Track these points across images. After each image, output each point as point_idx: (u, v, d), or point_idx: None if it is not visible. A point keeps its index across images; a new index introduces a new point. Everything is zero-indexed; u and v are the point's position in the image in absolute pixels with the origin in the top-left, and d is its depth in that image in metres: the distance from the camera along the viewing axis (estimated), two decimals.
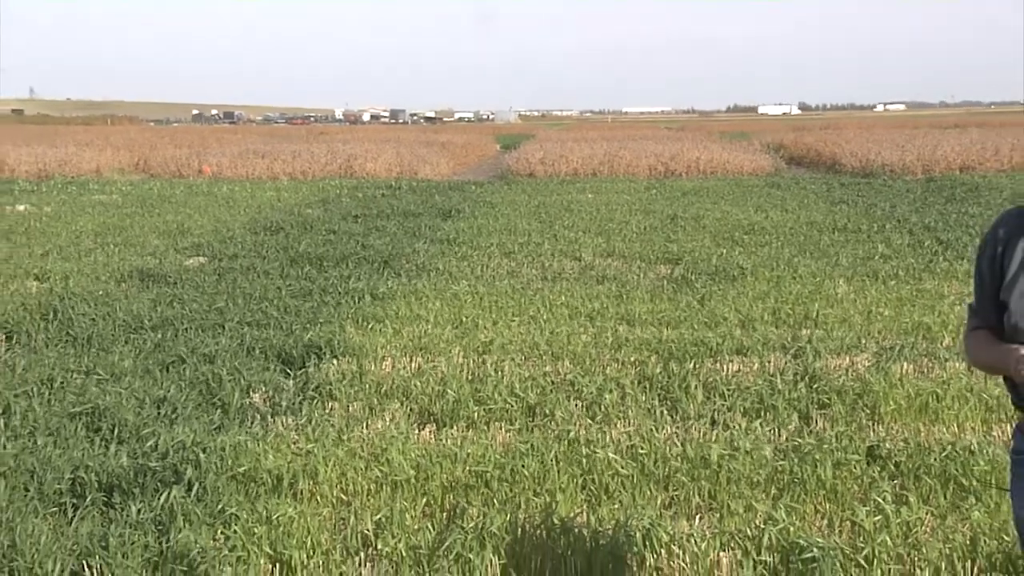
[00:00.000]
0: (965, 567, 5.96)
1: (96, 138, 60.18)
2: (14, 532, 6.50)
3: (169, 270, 16.80)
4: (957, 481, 7.21)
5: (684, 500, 7.16)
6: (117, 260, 18.08)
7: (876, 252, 17.96)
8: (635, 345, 11.38)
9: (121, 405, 9.04)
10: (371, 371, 10.40)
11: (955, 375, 9.83)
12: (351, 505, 7.13)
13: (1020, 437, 4.00)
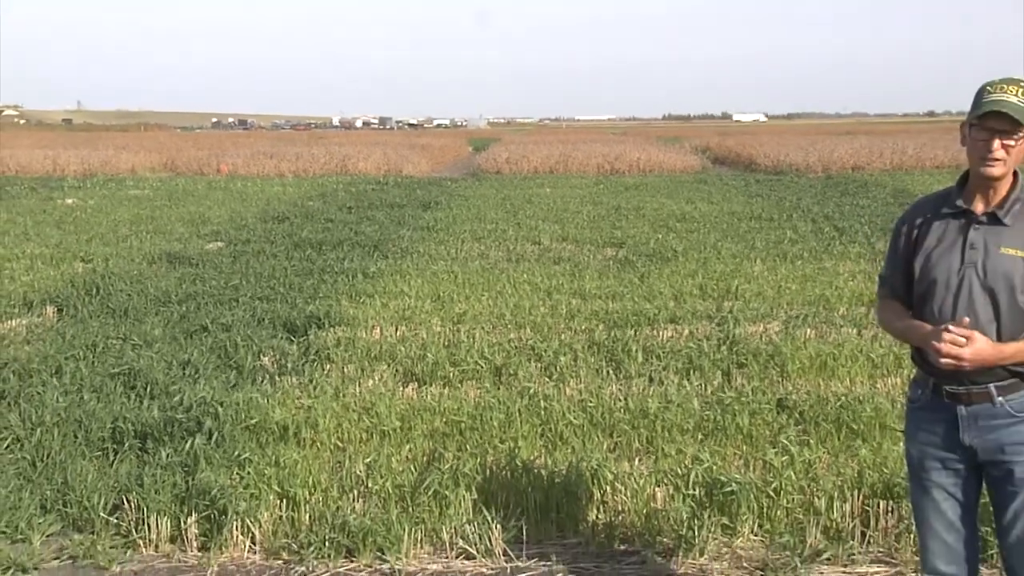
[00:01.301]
0: (853, 495, 6.02)
1: (131, 143, 59.84)
2: (66, 471, 6.58)
3: (192, 253, 16.73)
4: (848, 426, 7.26)
5: (626, 445, 7.17)
6: (149, 245, 17.96)
7: (785, 237, 18.01)
8: (585, 316, 11.39)
9: (152, 367, 9.02)
10: (362, 338, 10.38)
11: (848, 339, 9.91)
12: (346, 451, 7.12)
13: (914, 388, 4.06)
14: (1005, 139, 3.65)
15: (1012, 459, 3.79)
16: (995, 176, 3.70)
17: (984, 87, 3.70)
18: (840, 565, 5.65)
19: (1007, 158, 3.67)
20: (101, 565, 5.73)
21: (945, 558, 4.01)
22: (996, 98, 3.63)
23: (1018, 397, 3.77)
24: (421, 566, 5.71)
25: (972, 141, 3.73)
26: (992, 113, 3.62)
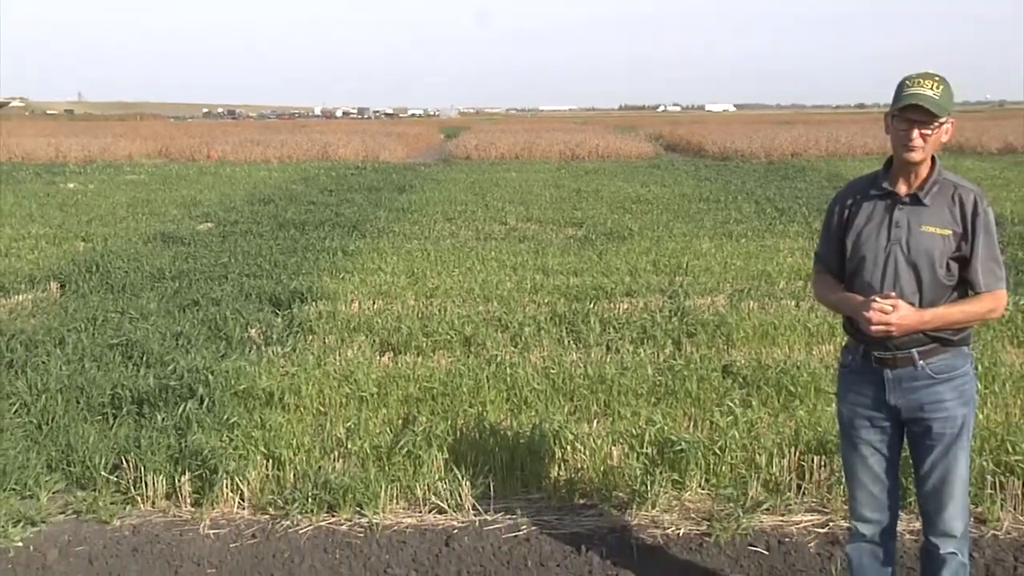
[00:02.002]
0: (790, 451, 6.08)
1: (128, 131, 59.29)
2: (70, 434, 6.59)
3: (185, 233, 16.59)
4: (787, 389, 7.31)
5: (585, 408, 7.19)
6: (144, 226, 17.83)
7: (731, 217, 18.08)
8: (548, 290, 11.40)
9: (148, 338, 8.98)
10: (342, 311, 10.36)
11: (787, 310, 9.98)
12: (327, 415, 7.11)
13: (846, 354, 4.13)
14: (923, 128, 3.74)
15: (930, 416, 3.89)
16: (915, 161, 3.79)
17: (904, 81, 3.78)
18: (778, 515, 5.70)
19: (925, 145, 3.76)
20: (103, 519, 5.72)
21: (871, 506, 4.11)
22: (914, 92, 3.72)
23: (936, 361, 3.87)
24: (397, 520, 5.71)
25: (894, 130, 3.81)
26: (911, 106, 3.71)
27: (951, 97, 3.76)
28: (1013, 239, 14.77)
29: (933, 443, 3.92)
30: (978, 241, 3.79)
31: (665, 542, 5.44)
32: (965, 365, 3.94)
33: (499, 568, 5.16)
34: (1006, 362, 8.09)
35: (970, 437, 3.99)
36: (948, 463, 3.93)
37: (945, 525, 4.00)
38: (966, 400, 3.92)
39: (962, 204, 3.80)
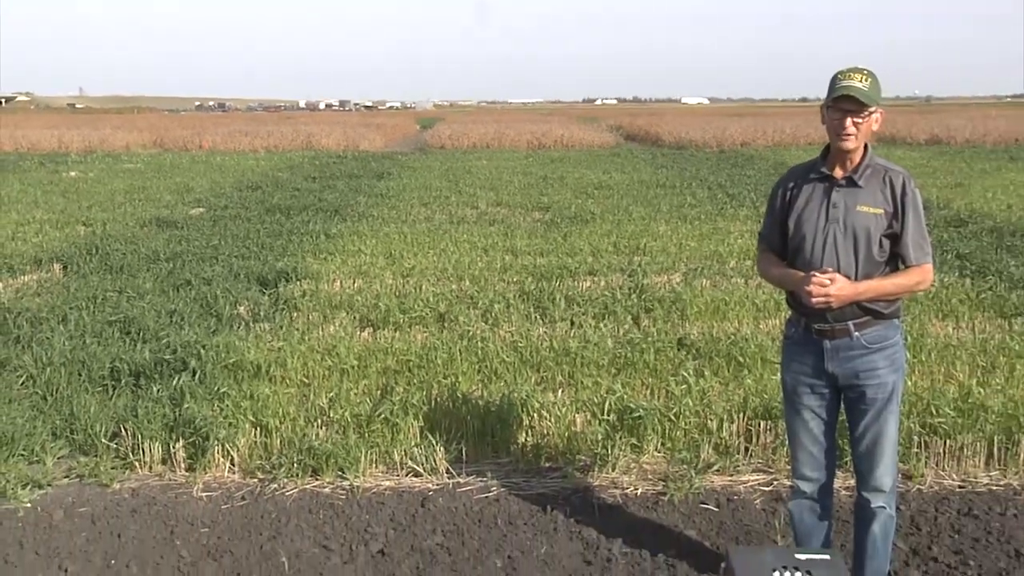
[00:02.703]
0: (739, 417, 6.13)
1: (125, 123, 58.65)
2: (72, 404, 6.59)
3: (178, 218, 16.48)
4: (736, 360, 7.34)
5: (551, 378, 7.20)
6: (140, 211, 17.67)
7: (685, 202, 18.12)
8: (516, 269, 11.41)
9: (144, 315, 8.94)
10: (325, 290, 10.32)
11: (737, 287, 10.03)
12: (311, 386, 7.10)
13: (789, 326, 4.18)
14: (855, 117, 3.79)
15: (865, 383, 3.95)
16: (849, 148, 3.85)
17: (836, 75, 3.84)
18: (727, 475, 5.75)
19: (857, 133, 3.82)
20: (104, 483, 5.72)
21: (810, 465, 4.16)
22: (846, 84, 3.77)
23: (870, 332, 3.92)
24: (376, 483, 5.72)
25: (829, 120, 3.87)
26: (843, 97, 3.77)
27: (879, 89, 3.83)
28: (939, 222, 14.88)
29: (867, 407, 3.99)
30: (907, 219, 3.85)
31: (624, 501, 5.47)
32: (896, 336, 3.99)
33: (471, 527, 5.18)
34: (932, 334, 8.19)
35: (899, 402, 4.05)
36: (880, 426, 3.99)
37: (876, 481, 4.07)
38: (896, 368, 3.98)
39: (892, 185, 3.86)
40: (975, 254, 11.84)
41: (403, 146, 43.89)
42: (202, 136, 43.77)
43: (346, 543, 5.00)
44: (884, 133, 41.01)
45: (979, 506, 5.38)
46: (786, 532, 4.87)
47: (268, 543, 5.01)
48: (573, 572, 4.68)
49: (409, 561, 4.80)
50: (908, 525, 5.15)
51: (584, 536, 5.05)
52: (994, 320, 8.91)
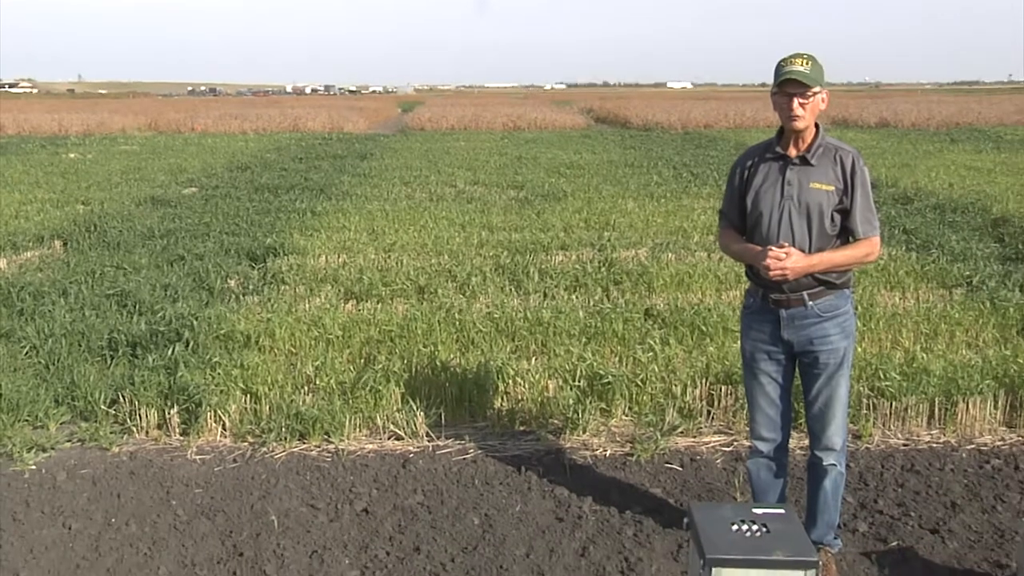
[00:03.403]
0: (702, 382, 6.16)
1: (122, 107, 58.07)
2: (73, 373, 6.59)
3: (172, 197, 16.34)
4: (699, 328, 7.35)
5: (525, 347, 7.20)
6: (136, 190, 17.50)
7: (652, 181, 18.13)
8: (492, 244, 11.39)
9: (140, 289, 8.89)
10: (311, 264, 10.28)
11: (700, 261, 10.04)
12: (298, 355, 7.07)
13: (748, 297, 4.20)
14: (800, 98, 3.81)
15: (818, 349, 3.98)
16: (800, 128, 3.87)
17: (780, 62, 3.86)
18: (691, 436, 5.79)
19: (805, 113, 3.83)
20: (103, 447, 5.71)
21: (767, 427, 4.19)
22: (789, 69, 3.79)
23: (823, 301, 3.95)
24: (360, 446, 5.72)
25: (778, 104, 3.89)
26: (788, 80, 3.78)
27: (821, 71, 3.84)
28: (887, 199, 14.97)
29: (820, 372, 4.01)
30: (856, 195, 3.87)
31: (594, 462, 5.49)
32: (847, 305, 4.02)
33: (450, 486, 5.19)
34: (880, 303, 8.25)
35: (850, 366, 4.08)
36: (831, 389, 4.02)
37: (827, 441, 4.10)
38: (847, 334, 4.01)
39: (842, 163, 3.87)
40: (920, 229, 11.92)
41: (385, 128, 43.68)
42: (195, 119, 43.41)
43: (332, 502, 5.00)
44: (837, 116, 41.17)
45: (920, 462, 5.45)
46: (745, 489, 4.90)
47: (258, 503, 5.01)
48: (546, 528, 4.70)
49: (391, 519, 4.81)
50: (857, 481, 5.20)
51: (556, 495, 5.07)
52: (936, 290, 8.98)
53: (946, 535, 4.60)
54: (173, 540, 4.61)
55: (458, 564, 4.35)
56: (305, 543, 4.57)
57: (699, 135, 34.12)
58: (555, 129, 39.47)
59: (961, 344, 7.22)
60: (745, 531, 2.76)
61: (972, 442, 5.73)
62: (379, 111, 59.55)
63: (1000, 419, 5.96)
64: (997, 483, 5.21)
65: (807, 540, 2.80)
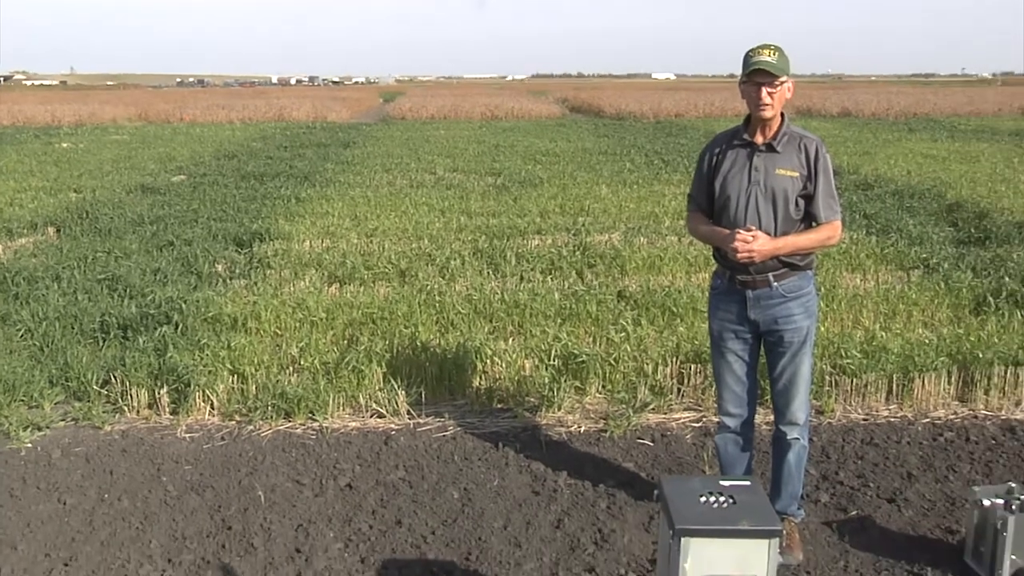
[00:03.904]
0: (673, 360, 6.17)
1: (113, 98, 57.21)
2: (67, 354, 6.56)
3: (161, 184, 16.19)
4: (670, 309, 7.38)
5: (502, 328, 7.20)
6: (127, 178, 17.32)
7: (625, 168, 18.13)
8: (471, 229, 11.36)
9: (131, 273, 8.84)
10: (295, 249, 10.23)
11: (671, 245, 10.08)
12: (283, 336, 7.04)
13: (715, 278, 4.20)
14: (768, 88, 3.81)
15: (783, 328, 3.99)
16: (767, 116, 3.87)
17: (748, 53, 3.86)
18: (662, 413, 5.81)
19: (773, 102, 3.84)
20: (96, 425, 5.69)
21: (734, 403, 4.21)
22: (757, 59, 3.79)
23: (787, 282, 3.97)
24: (343, 424, 5.71)
25: (746, 93, 3.89)
26: (757, 71, 3.78)
27: (787, 61, 3.84)
28: (849, 186, 15.05)
29: (784, 350, 4.03)
30: (819, 180, 3.88)
31: (569, 438, 5.51)
32: (809, 286, 4.03)
33: (430, 462, 5.19)
34: (842, 285, 8.31)
35: (813, 345, 4.10)
36: (795, 366, 4.04)
37: (791, 416, 4.13)
38: (810, 314, 4.03)
39: (807, 151, 3.88)
40: (880, 214, 11.98)
41: (367, 117, 43.42)
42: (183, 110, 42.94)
43: (317, 478, 4.99)
44: (801, 106, 41.27)
45: (879, 436, 5.50)
46: (713, 463, 4.93)
47: (246, 479, 4.99)
48: (523, 502, 4.71)
49: (374, 494, 4.80)
50: (819, 454, 5.24)
51: (533, 469, 5.08)
52: (895, 272, 9.05)
53: (902, 504, 4.65)
54: (164, 515, 4.60)
55: (438, 536, 4.36)
56: (291, 517, 4.56)
57: (670, 124, 34.12)
58: (531, 118, 39.35)
59: (918, 323, 7.28)
60: (712, 502, 2.77)
61: (927, 416, 5.79)
62: (361, 101, 59.17)
63: (953, 394, 6.03)
64: (949, 454, 5.27)
65: (771, 511, 2.81)
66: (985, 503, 3.93)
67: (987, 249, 9.88)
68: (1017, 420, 5.73)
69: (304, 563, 4.13)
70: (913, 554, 4.17)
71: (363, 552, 4.22)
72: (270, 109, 42.36)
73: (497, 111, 41.13)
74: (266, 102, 46.93)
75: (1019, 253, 9.46)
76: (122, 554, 4.23)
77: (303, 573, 4.05)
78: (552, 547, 4.25)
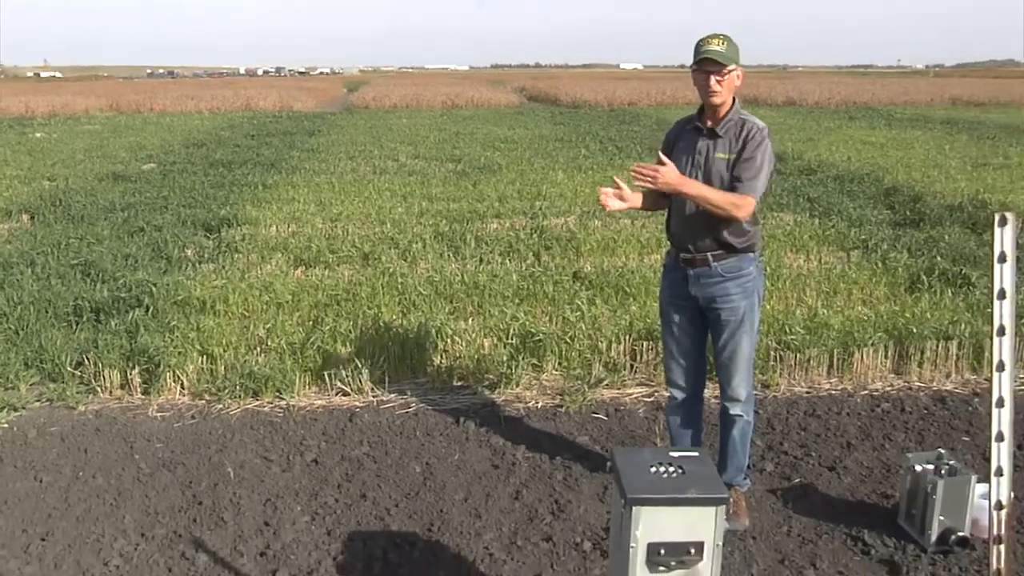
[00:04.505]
0: (626, 338, 6.20)
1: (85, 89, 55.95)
2: (41, 337, 6.45)
3: (132, 172, 15.90)
4: (623, 289, 7.41)
5: (462, 308, 7.19)
6: (99, 167, 16.98)
7: (580, 154, 18.13)
8: (432, 214, 11.31)
9: (103, 259, 8.70)
10: (262, 234, 10.13)
11: (625, 227, 10.09)
12: (250, 318, 6.96)
13: (666, 257, 4.22)
14: (716, 76, 3.81)
15: (720, 306, 4.01)
16: (716, 103, 3.87)
17: (698, 42, 3.84)
18: (615, 388, 5.84)
19: (721, 90, 3.83)
20: (70, 406, 5.62)
21: (680, 376, 4.25)
22: (705, 48, 3.79)
23: (725, 263, 3.97)
24: (309, 402, 5.67)
25: (696, 81, 3.89)
26: (705, 59, 3.77)
27: (736, 50, 3.83)
28: (793, 171, 15.18)
29: (723, 327, 4.03)
30: (743, 156, 3.82)
31: (526, 413, 5.52)
32: (750, 268, 4.00)
33: (393, 438, 5.17)
34: (787, 265, 8.39)
35: (753, 324, 4.05)
36: (734, 344, 4.04)
37: (732, 392, 4.13)
38: (748, 295, 4.00)
39: (745, 133, 3.85)
40: (822, 198, 12.11)
41: (332, 107, 42.99)
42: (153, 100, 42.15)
43: (284, 454, 4.96)
44: (748, 95, 41.51)
45: (821, 408, 5.57)
46: (664, 435, 4.95)
47: (216, 455, 4.95)
48: (482, 475, 4.71)
49: (339, 468, 4.78)
50: (765, 426, 5.30)
51: (492, 444, 5.08)
52: (836, 253, 9.15)
53: (842, 471, 4.72)
54: (137, 491, 4.55)
55: (401, 509, 4.35)
56: (259, 492, 4.53)
57: (623, 112, 34.18)
58: (490, 107, 39.22)
59: (857, 301, 7.37)
60: (663, 473, 2.78)
61: (865, 388, 5.87)
62: (326, 91, 58.57)
63: (889, 367, 6.12)
64: (886, 424, 5.35)
65: (718, 479, 2.83)
66: (917, 469, 4.00)
67: (921, 230, 10.02)
68: (947, 391, 5.84)
69: (272, 535, 4.11)
70: (852, 518, 4.24)
71: (329, 525, 4.21)
72: (238, 99, 41.75)
73: (458, 100, 40.91)
74: (234, 92, 46.24)
75: (950, 234, 9.61)
76: (97, 529, 4.18)
77: (271, 545, 4.03)
78: (511, 517, 4.26)
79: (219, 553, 3.97)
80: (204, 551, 3.98)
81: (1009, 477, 2.54)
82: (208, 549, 4.00)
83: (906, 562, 3.85)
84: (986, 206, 11.24)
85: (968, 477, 3.92)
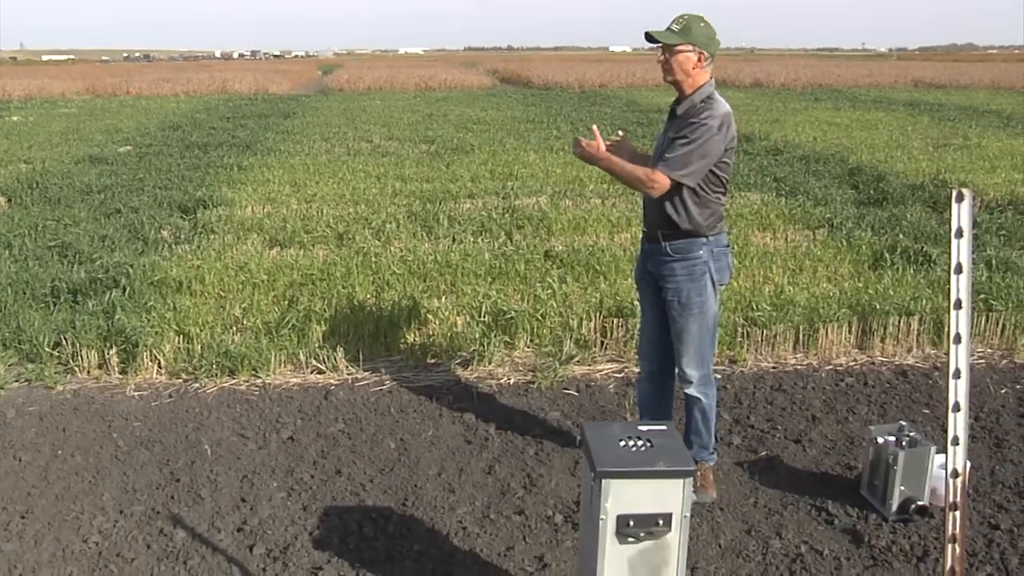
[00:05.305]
0: (596, 315, 6.21)
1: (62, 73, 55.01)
2: (19, 319, 6.37)
3: (108, 155, 15.65)
4: (594, 268, 7.42)
5: (435, 287, 7.17)
6: (75, 150, 16.67)
7: (551, 135, 18.08)
8: (406, 194, 11.25)
9: (80, 240, 8.59)
10: (238, 215, 10.01)
11: (595, 207, 10.10)
12: (226, 298, 6.90)
13: (643, 239, 4.15)
14: (660, 55, 3.81)
15: (666, 285, 3.98)
16: (666, 81, 3.86)
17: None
18: (586, 365, 5.85)
19: (671, 69, 3.81)
20: (49, 386, 5.56)
21: (648, 347, 4.26)
22: (655, 29, 3.78)
23: (675, 243, 3.91)
24: (285, 380, 5.64)
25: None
26: (647, 37, 3.79)
27: (690, 32, 3.74)
28: (760, 151, 15.23)
29: (668, 307, 3.99)
30: (677, 135, 3.78)
31: (499, 389, 5.52)
32: (700, 251, 3.89)
33: (368, 415, 5.16)
34: (754, 243, 8.43)
35: (703, 309, 3.92)
36: (681, 324, 3.97)
37: (683, 372, 4.07)
38: (694, 278, 3.90)
39: (694, 115, 3.78)
40: (788, 178, 12.16)
41: (307, 89, 42.60)
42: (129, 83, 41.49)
43: (260, 431, 4.94)
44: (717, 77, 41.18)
45: (787, 382, 5.61)
46: (635, 410, 4.98)
47: (193, 433, 4.92)
48: (456, 451, 4.72)
49: (315, 445, 4.77)
50: (732, 400, 5.34)
51: (465, 420, 5.09)
52: (802, 231, 9.21)
53: (807, 444, 4.77)
54: (115, 469, 4.52)
55: (376, 484, 4.35)
56: (236, 469, 4.51)
57: (594, 94, 34.12)
58: (463, 89, 39.00)
59: (822, 278, 7.43)
60: (631, 446, 2.79)
61: (830, 363, 5.93)
62: (301, 73, 57.97)
63: (853, 343, 6.18)
64: (849, 398, 5.41)
65: (686, 452, 2.85)
66: (879, 440, 4.05)
67: (884, 209, 10.10)
68: (908, 365, 5.91)
69: (249, 511, 4.09)
70: (816, 489, 4.28)
71: (305, 500, 4.20)
72: (213, 82, 41.21)
73: (431, 82, 40.63)
74: (209, 75, 45.65)
75: (912, 213, 9.69)
76: (76, 506, 4.15)
77: (248, 521, 4.01)
78: (484, 492, 4.27)
79: (197, 529, 3.95)
80: (182, 527, 3.96)
81: (964, 447, 2.57)
82: (186, 525, 3.98)
83: (868, 531, 3.90)
84: (946, 186, 11.35)
85: (927, 448, 3.98)
